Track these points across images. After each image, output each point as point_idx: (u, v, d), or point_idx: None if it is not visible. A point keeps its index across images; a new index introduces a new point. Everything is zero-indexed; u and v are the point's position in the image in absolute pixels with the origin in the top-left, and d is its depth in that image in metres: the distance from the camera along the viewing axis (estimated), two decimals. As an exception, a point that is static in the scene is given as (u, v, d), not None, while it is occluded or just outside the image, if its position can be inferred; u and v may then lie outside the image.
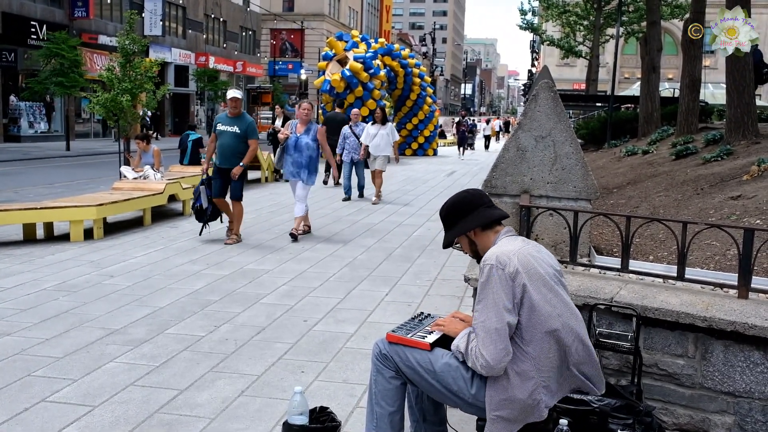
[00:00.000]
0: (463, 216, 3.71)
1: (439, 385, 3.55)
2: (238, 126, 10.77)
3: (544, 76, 6.11)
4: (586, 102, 42.25)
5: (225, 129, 10.78)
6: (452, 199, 3.80)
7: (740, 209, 8.54)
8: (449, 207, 3.78)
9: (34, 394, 5.01)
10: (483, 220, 3.66)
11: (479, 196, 3.77)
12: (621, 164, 18.09)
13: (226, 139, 10.78)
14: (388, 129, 16.18)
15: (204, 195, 10.80)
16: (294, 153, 11.24)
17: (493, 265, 3.36)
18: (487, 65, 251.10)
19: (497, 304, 3.31)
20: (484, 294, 3.37)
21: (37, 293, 7.64)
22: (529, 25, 49.78)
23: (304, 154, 11.19)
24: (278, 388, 5.18)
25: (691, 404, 4.33)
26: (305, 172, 11.21)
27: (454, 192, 3.95)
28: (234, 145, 10.74)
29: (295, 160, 11.24)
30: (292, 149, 11.26)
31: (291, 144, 11.28)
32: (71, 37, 34.36)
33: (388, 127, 16.22)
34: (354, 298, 7.68)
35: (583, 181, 5.75)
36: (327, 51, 29.16)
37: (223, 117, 10.99)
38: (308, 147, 11.21)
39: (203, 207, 10.81)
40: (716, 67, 47.06)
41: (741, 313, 4.18)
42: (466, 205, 3.72)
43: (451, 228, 3.77)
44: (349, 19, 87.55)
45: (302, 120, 11.46)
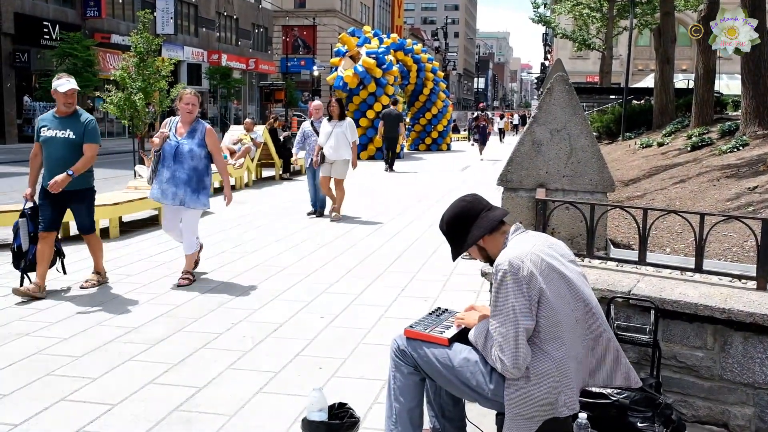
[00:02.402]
0: (467, 226, 3.63)
1: (457, 381, 3.54)
2: (72, 129, 7.56)
3: (558, 69, 6.11)
4: (600, 95, 42.11)
5: (54, 135, 7.56)
6: (451, 211, 3.71)
7: (757, 200, 8.50)
8: (451, 220, 3.69)
9: (53, 393, 5.03)
10: (489, 225, 3.59)
11: (476, 201, 3.70)
12: (636, 156, 18.03)
13: (55, 149, 7.53)
14: (345, 126, 12.75)
15: (24, 231, 7.64)
16: (173, 164, 8.05)
17: (506, 270, 3.31)
18: (499, 59, 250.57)
19: (513, 309, 3.27)
20: (500, 299, 3.33)
21: (54, 293, 7.66)
22: (541, 18, 49.67)
23: (186, 166, 8.03)
24: (296, 384, 5.19)
25: (710, 396, 4.32)
26: (188, 190, 8.04)
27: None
28: (67, 157, 7.49)
29: (174, 175, 8.03)
30: (170, 159, 8.06)
31: (168, 152, 8.09)
32: (85, 38, 34.54)
33: (345, 124, 12.78)
34: (370, 294, 7.68)
35: (599, 174, 5.73)
36: (339, 47, 29.17)
37: (48, 118, 7.69)
38: (192, 155, 8.05)
39: (22, 249, 7.66)
40: (730, 58, 46.74)
41: (760, 304, 4.16)
42: (468, 215, 3.64)
43: (456, 240, 3.69)
44: (361, 14, 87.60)
45: (184, 118, 8.22)
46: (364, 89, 27.39)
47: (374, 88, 27.40)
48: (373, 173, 21.95)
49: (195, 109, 8.17)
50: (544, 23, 50.68)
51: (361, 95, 27.50)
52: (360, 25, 58.23)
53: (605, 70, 44.49)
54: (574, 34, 48.12)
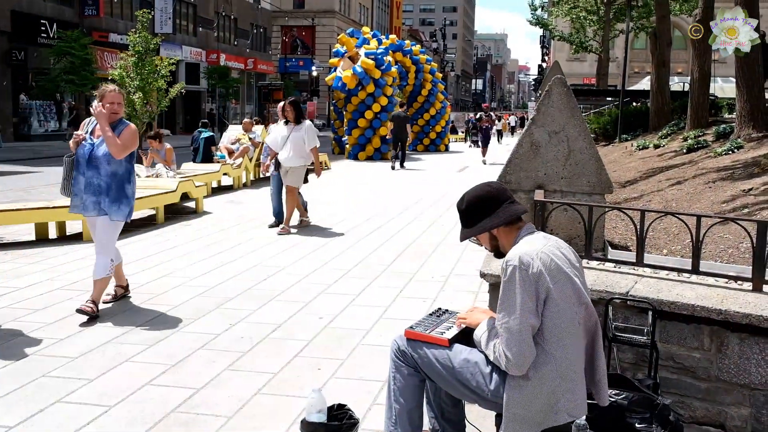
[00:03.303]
0: (487, 212, 3.59)
1: (457, 382, 3.55)
2: None
3: (556, 71, 6.13)
4: (597, 97, 42.21)
5: None
6: (475, 192, 3.66)
7: (752, 202, 8.53)
8: (472, 201, 3.64)
9: (49, 394, 5.02)
10: (508, 217, 3.56)
11: (503, 190, 3.66)
12: (633, 158, 18.08)
13: None
14: (303, 130, 11.43)
15: None
16: (87, 170, 6.93)
17: (516, 265, 3.30)
18: (497, 60, 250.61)
19: (521, 306, 3.26)
20: (507, 295, 3.32)
21: (50, 293, 7.65)
22: (539, 21, 49.77)
23: (103, 172, 6.89)
24: (295, 385, 5.19)
25: (707, 397, 4.34)
26: (106, 200, 6.90)
27: None
28: None
29: (89, 182, 6.92)
30: (84, 165, 6.95)
31: (82, 156, 6.96)
32: (83, 36, 34.54)
33: (303, 128, 11.47)
34: (369, 295, 7.68)
35: (597, 176, 5.76)
36: (338, 48, 29.20)
37: None
38: (109, 160, 6.86)
39: None
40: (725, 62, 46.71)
41: (756, 305, 4.18)
42: (491, 201, 3.60)
43: (472, 223, 3.64)
44: (359, 15, 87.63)
45: (101, 117, 6.85)
46: (362, 90, 27.41)
47: (373, 89, 27.42)
48: (373, 173, 21.99)
49: (120, 108, 7.04)
50: (542, 26, 50.81)
51: (359, 96, 27.51)
52: (359, 26, 58.30)
53: (602, 72, 44.62)
54: (571, 36, 48.26)
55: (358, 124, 27.96)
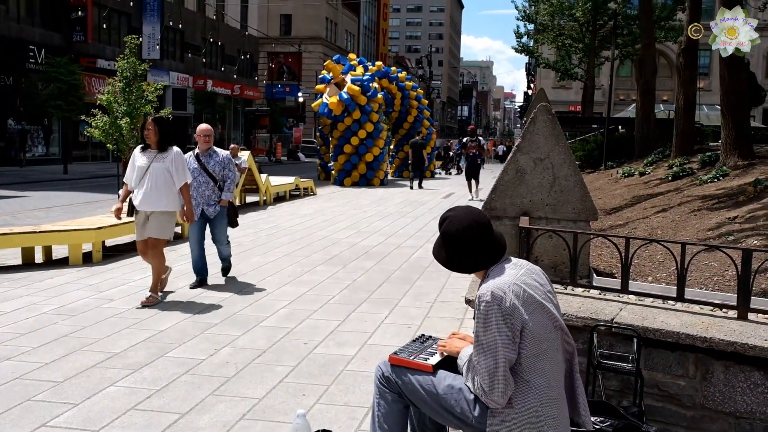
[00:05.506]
0: (476, 251, 3.51)
1: (441, 408, 3.54)
2: None
3: (541, 98, 6.18)
4: (582, 124, 42.45)
5: None
6: (462, 224, 3.54)
7: (737, 229, 8.57)
8: (460, 234, 3.53)
9: (34, 419, 4.99)
10: (496, 257, 3.51)
11: (487, 225, 3.57)
12: (618, 186, 18.16)
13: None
14: (168, 160, 8.26)
15: None
16: None
17: (489, 301, 3.28)
18: (483, 87, 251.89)
19: (496, 341, 3.25)
20: (482, 330, 3.30)
21: (36, 317, 7.62)
22: (524, 48, 50.07)
23: None
24: (280, 411, 5.17)
25: (692, 425, 4.34)
26: None
27: None
28: None
29: None
30: None
31: None
32: (71, 62, 34.57)
33: (169, 157, 8.27)
34: (354, 321, 7.67)
35: (582, 203, 5.78)
36: (324, 74, 29.30)
37: None
38: None
39: None
40: (710, 89, 47.31)
41: (740, 333, 4.20)
42: (480, 240, 3.51)
43: (459, 258, 3.55)
44: (346, 42, 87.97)
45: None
46: (348, 116, 27.47)
47: (359, 115, 27.48)
48: (358, 198, 22.00)
49: None
50: (527, 53, 51.08)
51: (345, 122, 27.56)
52: (345, 53, 58.33)
53: (587, 99, 44.89)
54: (556, 63, 48.55)
55: (344, 150, 28.00)
